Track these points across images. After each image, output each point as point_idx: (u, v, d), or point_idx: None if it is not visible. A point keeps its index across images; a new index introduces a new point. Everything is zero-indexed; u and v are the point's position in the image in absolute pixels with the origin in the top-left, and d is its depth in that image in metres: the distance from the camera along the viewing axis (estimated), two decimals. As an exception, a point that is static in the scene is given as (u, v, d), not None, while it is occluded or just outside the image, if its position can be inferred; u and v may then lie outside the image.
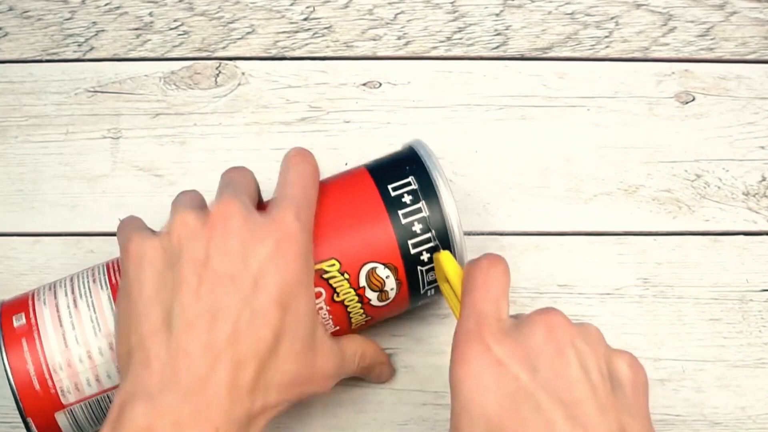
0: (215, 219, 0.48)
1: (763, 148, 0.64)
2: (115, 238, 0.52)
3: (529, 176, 0.63)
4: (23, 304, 0.52)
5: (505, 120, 0.65)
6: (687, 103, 0.65)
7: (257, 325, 0.46)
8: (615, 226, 0.62)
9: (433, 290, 0.54)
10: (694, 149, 0.64)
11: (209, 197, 0.51)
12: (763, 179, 0.63)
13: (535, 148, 0.64)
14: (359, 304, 0.52)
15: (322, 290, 0.51)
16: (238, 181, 0.51)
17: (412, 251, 0.52)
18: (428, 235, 0.52)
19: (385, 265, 0.52)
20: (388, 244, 0.52)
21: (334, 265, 0.51)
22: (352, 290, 0.52)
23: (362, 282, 0.52)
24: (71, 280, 0.53)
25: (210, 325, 0.46)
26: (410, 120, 0.65)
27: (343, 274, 0.51)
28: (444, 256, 0.52)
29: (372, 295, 0.52)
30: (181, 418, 0.44)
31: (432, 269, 0.53)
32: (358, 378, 0.57)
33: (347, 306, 0.52)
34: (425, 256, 0.52)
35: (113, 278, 0.52)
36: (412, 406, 0.58)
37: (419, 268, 0.52)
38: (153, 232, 0.50)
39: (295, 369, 0.48)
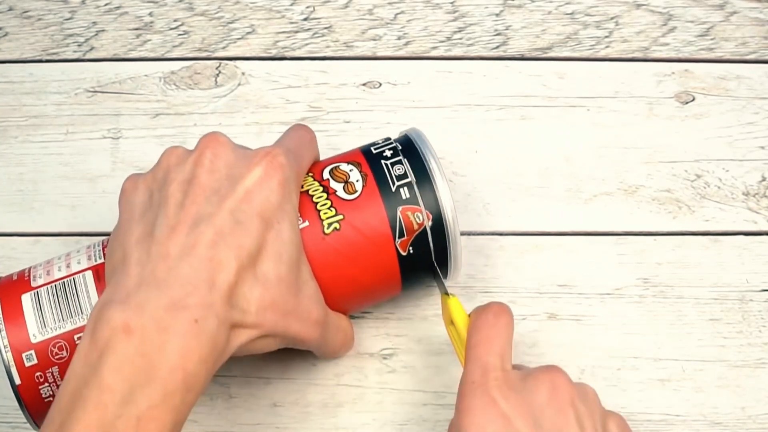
0: (202, 145, 0.50)
1: (763, 148, 0.64)
2: None
3: (529, 176, 0.63)
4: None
5: (505, 120, 0.65)
6: (687, 103, 0.65)
7: (239, 233, 0.47)
8: (615, 226, 0.62)
9: (406, 190, 0.53)
10: (694, 149, 0.64)
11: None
12: (763, 179, 0.63)
13: (535, 148, 0.64)
14: (324, 194, 0.52)
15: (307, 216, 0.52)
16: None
17: (374, 151, 0.54)
18: (392, 144, 0.54)
19: (348, 162, 0.54)
20: (353, 152, 0.55)
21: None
22: (315, 182, 0.53)
23: (326, 175, 0.53)
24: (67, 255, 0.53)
25: (191, 230, 0.46)
26: (410, 120, 0.65)
27: (307, 174, 0.53)
28: (452, 301, 0.53)
29: (337, 186, 0.53)
30: (158, 310, 0.44)
31: (397, 162, 0.53)
32: (357, 377, 0.58)
33: (312, 196, 0.52)
34: (388, 152, 0.54)
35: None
36: (412, 406, 0.58)
37: (383, 162, 0.53)
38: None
39: (277, 293, 0.48)
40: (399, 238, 0.52)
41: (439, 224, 0.53)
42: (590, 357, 0.59)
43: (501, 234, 0.62)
